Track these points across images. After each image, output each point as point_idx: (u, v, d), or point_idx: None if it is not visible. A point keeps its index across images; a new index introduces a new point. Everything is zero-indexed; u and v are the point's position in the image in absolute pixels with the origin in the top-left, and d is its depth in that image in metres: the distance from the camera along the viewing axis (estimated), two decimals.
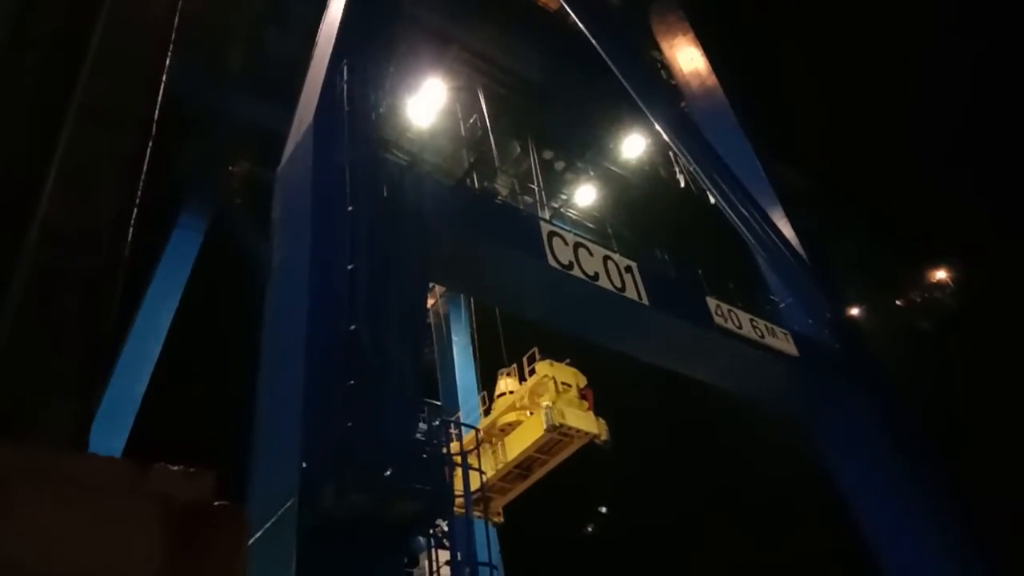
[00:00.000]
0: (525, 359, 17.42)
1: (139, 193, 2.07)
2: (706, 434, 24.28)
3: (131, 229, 1.97)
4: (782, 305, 17.19)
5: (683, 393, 19.27)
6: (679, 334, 14.46)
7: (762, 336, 14.89)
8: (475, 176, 19.36)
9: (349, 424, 8.60)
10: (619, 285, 13.52)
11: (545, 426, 15.27)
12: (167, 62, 2.35)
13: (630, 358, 15.27)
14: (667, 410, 23.50)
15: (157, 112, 2.27)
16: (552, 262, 12.88)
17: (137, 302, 18.60)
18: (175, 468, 1.04)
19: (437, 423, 11.23)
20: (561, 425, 15.36)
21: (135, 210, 2.06)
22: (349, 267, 9.90)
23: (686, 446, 24.61)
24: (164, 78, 2.32)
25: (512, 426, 16.50)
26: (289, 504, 8.23)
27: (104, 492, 0.97)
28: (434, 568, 11.04)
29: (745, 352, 14.63)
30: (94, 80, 2.26)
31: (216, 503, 1.04)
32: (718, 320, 14.42)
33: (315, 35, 13.84)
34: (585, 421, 15.90)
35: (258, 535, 8.63)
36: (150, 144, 2.25)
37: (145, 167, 2.13)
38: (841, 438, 15.16)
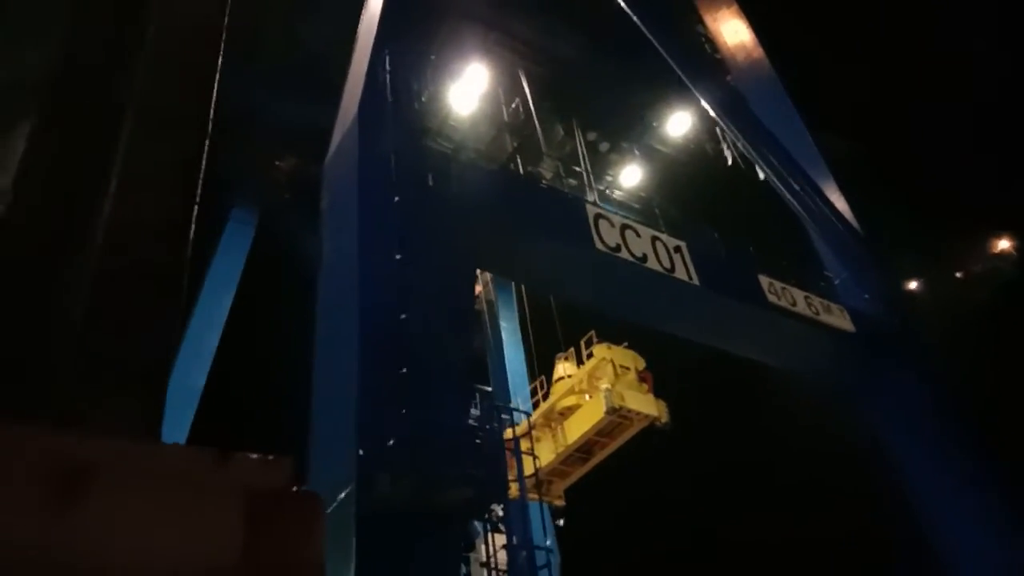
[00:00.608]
0: (583, 343, 17.40)
1: (199, 191, 2.10)
2: (745, 407, 23.95)
3: (193, 226, 2.00)
4: (837, 281, 16.78)
5: (725, 368, 18.98)
6: (731, 314, 14.24)
7: (817, 313, 14.58)
8: (519, 161, 19.31)
9: (403, 411, 8.71)
10: (668, 266, 13.36)
11: (605, 409, 15.25)
12: (220, 61, 2.37)
13: (686, 339, 15.11)
14: (707, 384, 23.25)
15: (212, 111, 2.30)
16: (599, 245, 12.79)
17: (194, 297, 19.10)
18: (254, 456, 1.06)
19: (489, 408, 11.30)
20: (621, 408, 15.34)
21: (196, 207, 2.09)
22: (397, 257, 9.99)
23: (723, 419, 24.34)
24: (217, 77, 2.35)
25: (571, 410, 16.54)
26: (347, 491, 8.37)
27: (184, 480, 1.00)
28: (490, 552, 11.14)
29: (799, 330, 14.34)
30: (149, 81, 2.30)
31: (294, 489, 1.06)
32: (771, 298, 14.16)
33: (354, 25, 13.92)
34: (645, 403, 15.85)
35: None
36: (207, 142, 2.28)
37: (203, 166, 2.16)
38: (891, 414, 14.78)
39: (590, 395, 16.06)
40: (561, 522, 17.50)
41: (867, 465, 15.74)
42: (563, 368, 17.65)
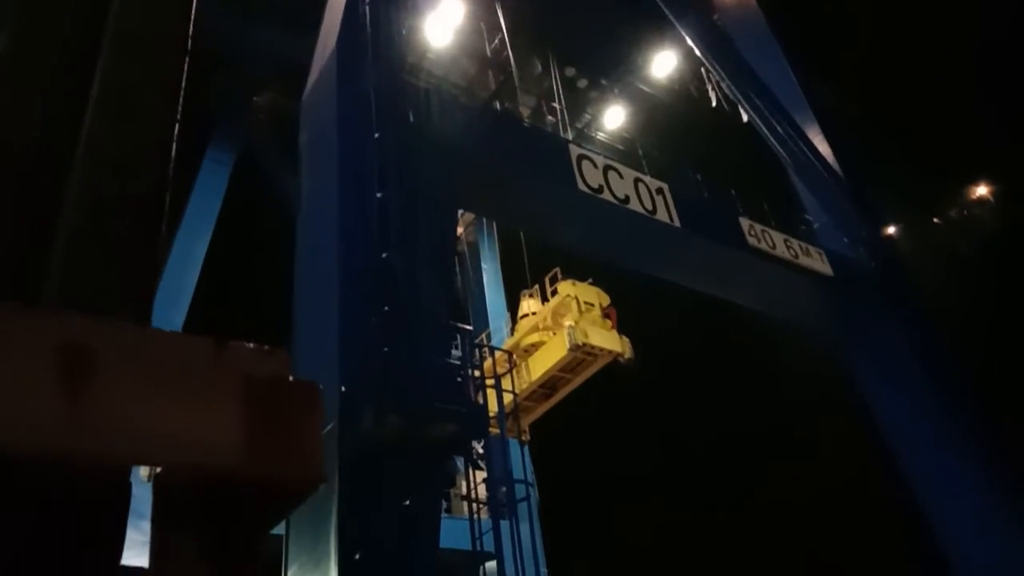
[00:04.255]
0: (547, 279, 17.46)
1: (179, 116, 2.06)
2: (731, 357, 24.35)
3: (173, 153, 1.96)
4: (817, 225, 16.90)
5: (707, 313, 19.23)
6: (711, 256, 14.34)
7: (796, 256, 14.72)
8: (501, 99, 19.00)
9: (385, 349, 8.77)
10: (650, 208, 13.36)
11: (568, 346, 15.39)
12: None
13: (654, 278, 15.19)
14: (690, 330, 23.55)
15: (191, 35, 2.24)
16: (582, 186, 12.74)
17: (172, 235, 18.84)
18: (250, 345, 1.09)
19: (469, 346, 11.38)
20: (584, 344, 15.48)
21: (176, 133, 2.06)
22: (378, 195, 9.89)
23: (709, 367, 24.75)
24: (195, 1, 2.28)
25: (536, 347, 16.65)
26: (329, 427, 8.47)
27: (184, 365, 1.02)
28: (471, 486, 11.37)
29: (778, 272, 14.49)
30: (127, 5, 2.24)
31: (292, 379, 1.08)
32: (751, 240, 14.25)
33: None
34: (608, 340, 15.98)
35: None
36: (186, 67, 2.22)
37: (182, 90, 2.11)
38: (875, 361, 15.04)
39: (554, 332, 16.17)
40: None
41: (846, 413, 16.06)
42: (527, 305, 17.72)
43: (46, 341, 0.95)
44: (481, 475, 11.93)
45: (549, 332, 16.47)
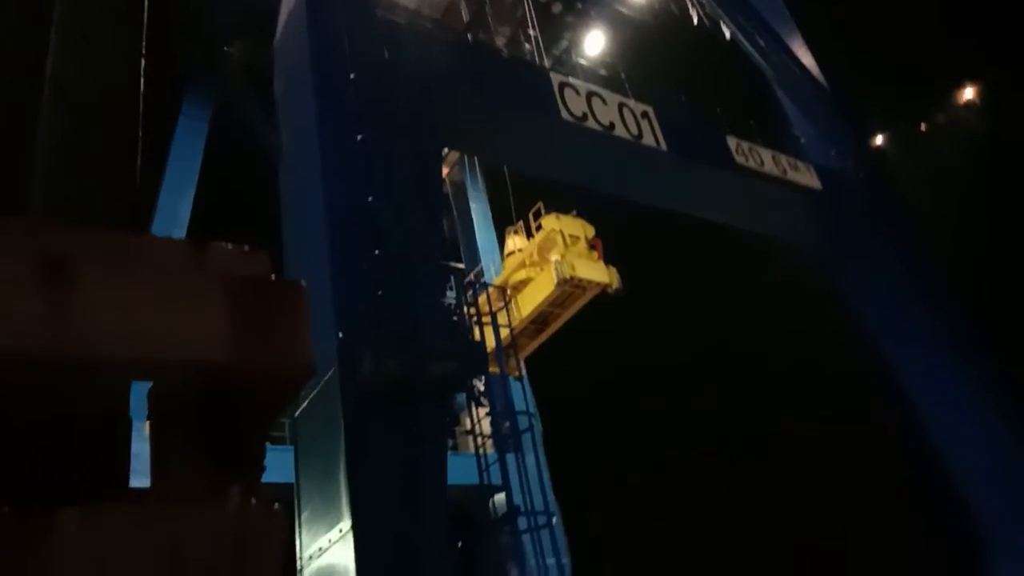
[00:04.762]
0: (531, 214, 17.34)
1: (143, 50, 1.97)
2: (720, 281, 24.42)
3: (142, 86, 1.88)
4: (803, 140, 16.74)
5: (694, 238, 19.20)
6: (700, 178, 14.22)
7: (784, 172, 14.62)
8: (475, 30, 18.51)
9: (379, 293, 8.74)
10: (636, 133, 13.18)
11: (556, 280, 15.40)
12: None
13: (641, 205, 15.06)
14: (678, 256, 23.57)
15: None
16: (565, 115, 12.53)
17: (153, 199, 18.56)
18: (230, 245, 1.05)
19: (463, 284, 11.38)
20: (572, 278, 15.49)
21: (141, 70, 1.97)
22: (359, 137, 9.71)
23: (699, 292, 24.84)
24: None
25: (524, 283, 16.67)
26: (330, 374, 8.51)
27: (166, 268, 0.99)
28: (474, 422, 11.54)
29: (768, 190, 14.41)
30: None
31: (275, 278, 1.05)
32: (739, 159, 14.13)
33: None
34: (596, 271, 16.00)
35: (303, 406, 9.01)
36: (147, 4, 2.13)
37: (145, 22, 2.02)
38: (865, 275, 14.99)
39: (541, 268, 16.16)
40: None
41: (840, 338, 16.01)
42: (513, 242, 17.66)
43: (23, 250, 0.92)
44: (484, 411, 12.09)
45: (536, 268, 16.45)
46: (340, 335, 8.59)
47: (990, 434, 12.76)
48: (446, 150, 19.96)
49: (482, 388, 12.24)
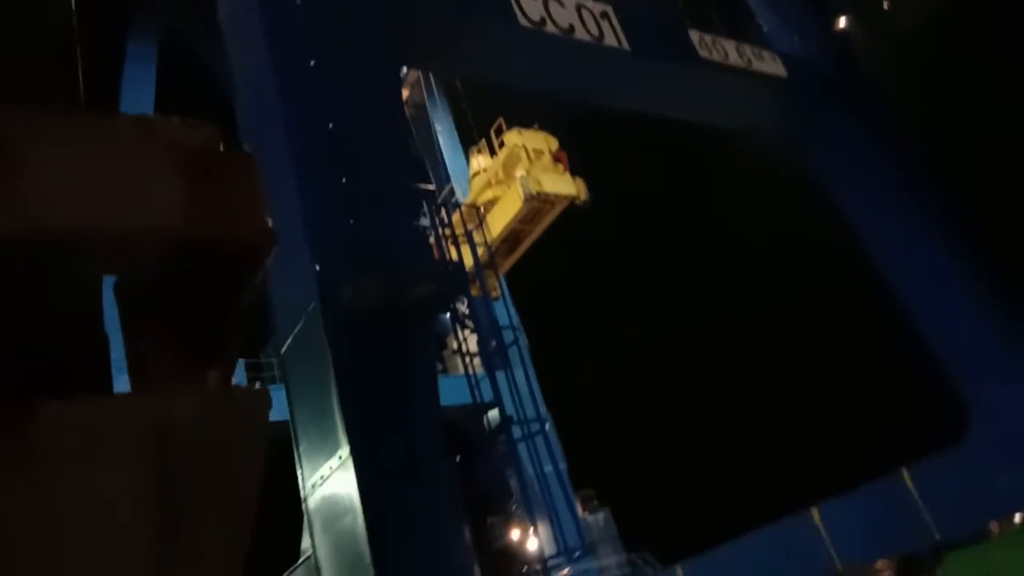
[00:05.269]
0: (492, 132, 17.01)
1: None
2: (690, 180, 24.36)
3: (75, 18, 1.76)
4: (766, 28, 16.42)
5: (661, 139, 19.00)
6: (664, 75, 13.95)
7: (749, 63, 14.39)
8: None
9: (351, 221, 8.63)
10: (596, 34, 12.84)
11: (523, 197, 15.26)
12: None
13: (602, 110, 14.78)
14: (645, 160, 23.43)
15: None
16: (523, 21, 12.14)
17: None
18: (175, 119, 1.00)
19: (436, 205, 11.27)
20: (539, 193, 15.35)
21: None
22: (312, 62, 9.38)
23: (669, 193, 24.82)
24: None
25: (492, 203, 16.47)
26: (311, 307, 8.47)
27: (111, 141, 0.94)
28: (461, 342, 11.62)
29: (733, 82, 14.19)
30: None
31: (225, 151, 1.01)
32: (703, 53, 13.86)
33: None
34: (562, 184, 15.85)
35: (289, 342, 9.01)
36: None
37: None
38: (838, 157, 14.94)
39: (508, 185, 15.98)
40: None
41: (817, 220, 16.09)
42: (477, 162, 17.40)
43: None
44: (469, 331, 12.17)
45: (503, 186, 16.25)
46: (317, 267, 8.52)
47: (961, 295, 13.14)
48: (404, 70, 19.41)
49: (465, 309, 12.28)
